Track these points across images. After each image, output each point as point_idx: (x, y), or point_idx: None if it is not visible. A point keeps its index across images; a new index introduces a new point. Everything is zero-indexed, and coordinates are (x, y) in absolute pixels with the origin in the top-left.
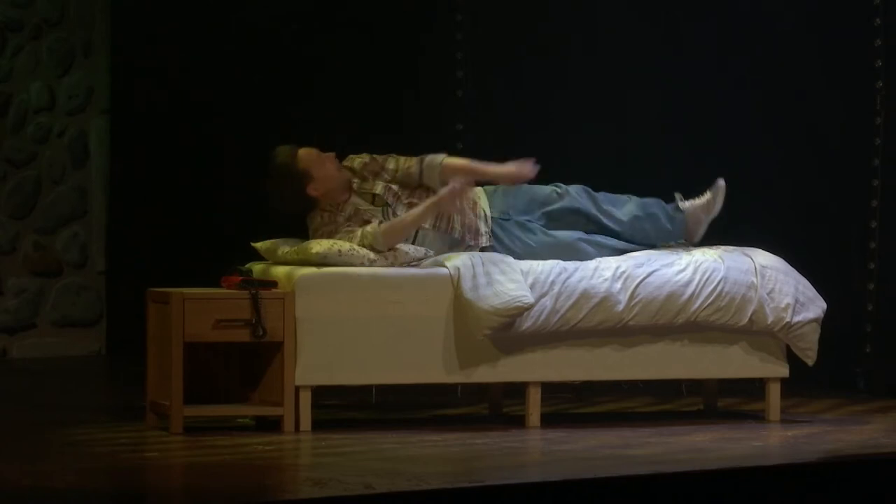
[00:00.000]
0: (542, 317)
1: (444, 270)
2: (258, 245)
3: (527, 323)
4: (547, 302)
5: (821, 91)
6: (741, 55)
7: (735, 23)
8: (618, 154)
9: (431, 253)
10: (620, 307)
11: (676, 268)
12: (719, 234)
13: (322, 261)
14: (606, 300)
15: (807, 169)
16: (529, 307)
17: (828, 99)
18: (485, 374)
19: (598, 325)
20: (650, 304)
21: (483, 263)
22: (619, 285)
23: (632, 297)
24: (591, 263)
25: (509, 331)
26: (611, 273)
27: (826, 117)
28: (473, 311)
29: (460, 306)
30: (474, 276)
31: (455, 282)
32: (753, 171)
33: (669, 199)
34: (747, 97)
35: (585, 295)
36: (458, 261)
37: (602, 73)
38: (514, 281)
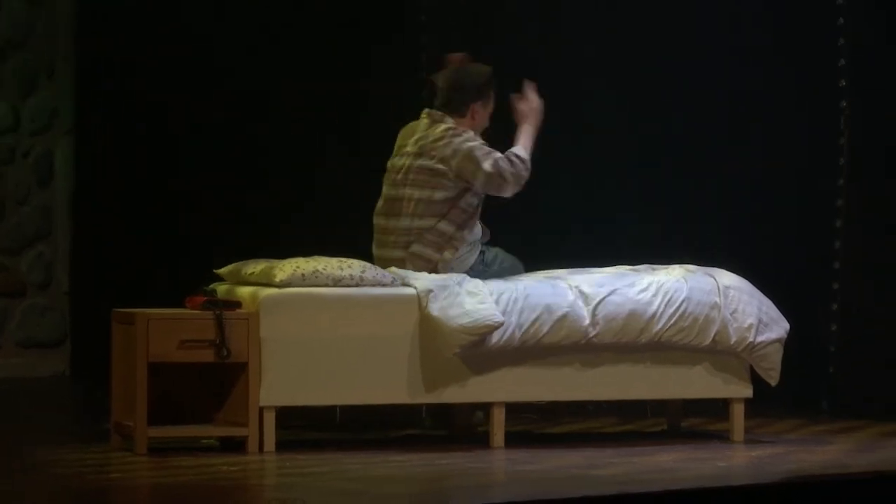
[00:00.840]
0: (507, 333)
1: (408, 290)
2: (221, 271)
3: (493, 340)
4: (512, 318)
5: (788, 111)
6: (708, 75)
7: (703, 41)
8: (583, 176)
9: (398, 282)
10: (585, 322)
11: (638, 287)
12: (684, 254)
13: (286, 286)
14: (570, 314)
15: (772, 189)
16: (499, 325)
17: (795, 119)
18: (450, 394)
19: (562, 339)
20: (613, 321)
21: (452, 284)
22: (581, 302)
23: (594, 314)
24: (552, 281)
25: (478, 349)
26: (572, 292)
27: (792, 138)
28: (442, 330)
29: (428, 326)
30: (443, 297)
31: (423, 301)
32: (719, 190)
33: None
34: (714, 117)
35: (548, 309)
36: (427, 282)
37: (569, 101)
38: (482, 301)
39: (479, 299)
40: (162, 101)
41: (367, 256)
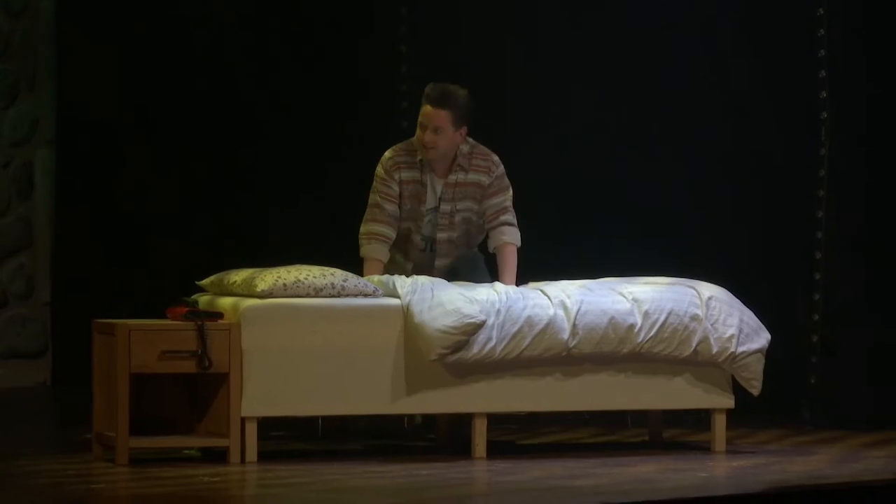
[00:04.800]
0: (487, 346)
1: (390, 301)
2: (203, 282)
3: (473, 350)
4: (492, 331)
5: (768, 123)
6: (689, 87)
7: (681, 52)
8: (564, 188)
9: (380, 292)
10: (565, 335)
11: (619, 298)
12: (666, 266)
13: (268, 296)
14: (550, 326)
15: (753, 200)
16: (482, 324)
17: (775, 131)
18: (431, 405)
19: (543, 353)
20: (593, 330)
21: (433, 288)
22: (562, 314)
23: (574, 326)
24: (533, 293)
25: (461, 351)
26: (553, 304)
27: (773, 149)
28: (425, 333)
29: (411, 332)
30: (425, 300)
31: (406, 307)
32: (700, 201)
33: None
34: (695, 129)
35: (529, 322)
36: (408, 287)
37: (549, 114)
38: (464, 300)
39: (460, 299)
40: (144, 113)
41: (351, 267)
